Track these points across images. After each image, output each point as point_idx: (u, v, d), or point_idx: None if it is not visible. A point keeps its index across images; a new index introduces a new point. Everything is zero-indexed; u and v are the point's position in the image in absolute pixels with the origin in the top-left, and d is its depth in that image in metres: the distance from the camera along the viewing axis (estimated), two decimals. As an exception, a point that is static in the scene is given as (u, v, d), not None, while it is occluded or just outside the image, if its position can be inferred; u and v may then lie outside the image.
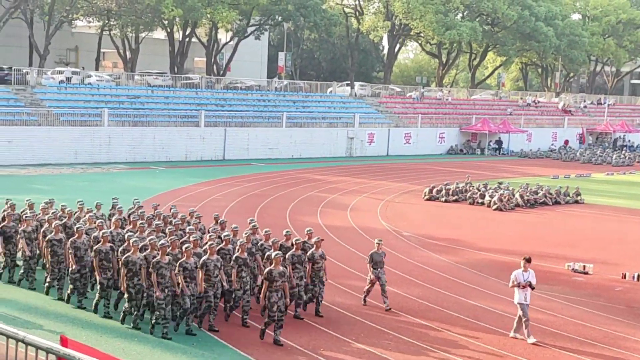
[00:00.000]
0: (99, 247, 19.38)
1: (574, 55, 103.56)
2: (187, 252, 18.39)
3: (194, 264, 18.39)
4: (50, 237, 20.67)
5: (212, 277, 18.54)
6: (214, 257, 18.70)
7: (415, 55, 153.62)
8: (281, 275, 17.81)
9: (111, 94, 63.10)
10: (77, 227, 20.65)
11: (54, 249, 20.53)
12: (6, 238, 22.17)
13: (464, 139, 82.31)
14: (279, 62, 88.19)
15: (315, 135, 68.73)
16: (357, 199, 43.72)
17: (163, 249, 18.14)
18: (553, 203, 45.19)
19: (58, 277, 20.75)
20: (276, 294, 17.68)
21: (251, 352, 17.43)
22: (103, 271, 19.28)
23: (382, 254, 21.25)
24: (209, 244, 19.04)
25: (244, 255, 19.37)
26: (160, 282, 17.83)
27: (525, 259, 19.88)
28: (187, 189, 44.17)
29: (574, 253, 30.64)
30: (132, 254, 18.40)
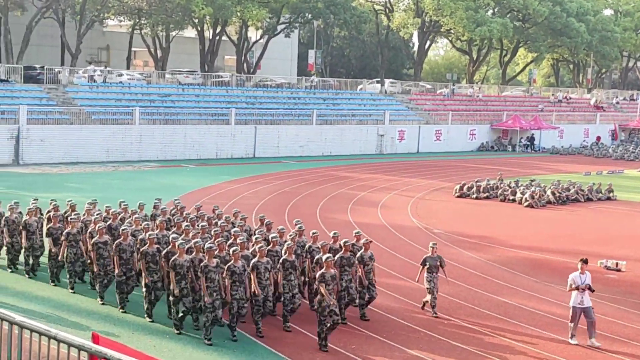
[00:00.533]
0: (146, 250, 19.04)
1: (606, 51, 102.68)
2: (235, 255, 17.95)
3: (242, 267, 17.97)
4: (95, 239, 20.38)
5: (263, 280, 18.25)
6: (264, 260, 18.39)
7: (445, 52, 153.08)
8: (333, 278, 17.55)
9: (142, 93, 63.45)
10: (123, 229, 20.18)
11: (99, 252, 20.23)
12: (54, 240, 21.93)
13: (495, 135, 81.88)
14: (309, 60, 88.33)
15: (345, 133, 68.69)
16: (387, 197, 43.64)
17: (210, 252, 17.74)
18: (585, 200, 44.84)
19: (104, 280, 20.47)
20: (328, 297, 17.32)
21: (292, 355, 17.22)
22: (149, 274, 18.95)
23: (436, 258, 20.34)
24: (258, 247, 18.67)
25: (291, 257, 18.96)
26: (209, 285, 17.47)
27: (582, 261, 19.35)
28: (217, 186, 44.30)
29: (606, 250, 30.39)
30: (178, 257, 18.15)
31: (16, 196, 35.80)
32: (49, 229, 22.15)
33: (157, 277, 19.01)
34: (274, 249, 19.60)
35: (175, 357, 16.41)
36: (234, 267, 17.82)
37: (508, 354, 17.82)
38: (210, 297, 17.45)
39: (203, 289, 17.55)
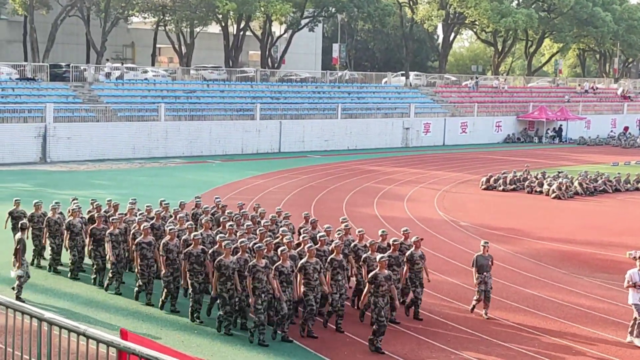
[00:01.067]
0: (190, 250, 18.61)
1: (632, 40, 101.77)
2: (284, 255, 17.54)
3: (290, 267, 17.55)
4: (139, 240, 19.96)
5: (312, 281, 17.63)
6: (312, 260, 17.75)
7: (470, 43, 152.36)
8: (387, 279, 16.87)
9: (167, 89, 63.69)
10: (170, 229, 19.71)
11: (143, 252, 19.79)
12: (96, 241, 21.51)
13: (521, 127, 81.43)
14: (333, 54, 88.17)
15: (370, 126, 68.60)
16: (413, 190, 43.55)
17: (260, 252, 17.34)
18: (613, 191, 44.53)
19: (147, 281, 20.00)
20: (382, 299, 16.79)
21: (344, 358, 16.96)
22: (194, 275, 18.51)
23: (488, 258, 19.60)
24: (307, 247, 18.14)
25: (339, 257, 18.36)
26: (257, 286, 17.03)
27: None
28: (243, 182, 44.40)
29: (635, 241, 30.15)
30: (224, 258, 17.72)
31: (44, 194, 36.14)
32: (92, 229, 21.61)
33: (201, 278, 18.60)
34: (322, 248, 19.02)
35: (203, 352, 16.46)
36: (282, 268, 17.46)
37: (568, 354, 17.66)
38: (259, 299, 17.05)
39: (249, 290, 17.16)
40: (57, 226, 22.74)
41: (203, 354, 16.19)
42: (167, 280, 19.29)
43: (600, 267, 25.90)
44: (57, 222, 22.81)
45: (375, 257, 17.99)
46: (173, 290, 19.45)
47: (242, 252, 18.03)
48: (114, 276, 21.01)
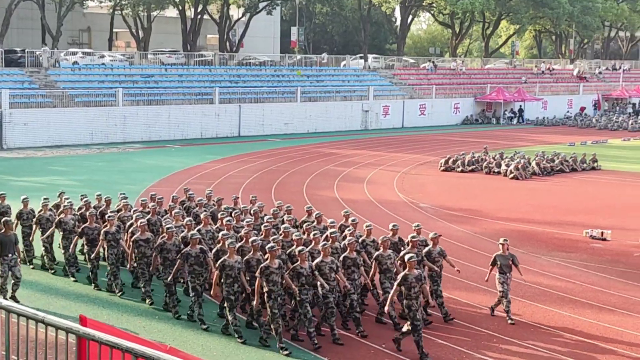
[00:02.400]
0: (188, 251, 17.49)
1: (587, 22, 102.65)
2: (302, 255, 16.41)
3: (309, 268, 16.43)
4: (136, 237, 18.97)
5: (330, 281, 16.63)
6: (328, 259, 16.73)
7: (428, 26, 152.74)
8: (418, 279, 15.74)
9: (125, 74, 63.15)
10: (168, 228, 18.56)
11: (141, 250, 18.85)
12: (90, 241, 20.35)
13: (479, 108, 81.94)
14: (292, 37, 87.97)
15: (330, 109, 68.61)
16: (373, 172, 43.69)
17: (273, 253, 16.09)
18: (570, 170, 45.04)
19: (148, 280, 19.14)
20: (416, 301, 15.67)
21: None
22: (196, 277, 17.39)
23: (508, 257, 18.28)
24: (321, 245, 16.96)
25: (353, 254, 17.39)
26: (272, 289, 15.92)
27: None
28: (203, 166, 44.25)
29: (592, 220, 30.56)
30: (228, 257, 16.55)
31: (1, 181, 35.74)
32: (84, 228, 20.38)
33: (203, 279, 17.60)
34: (334, 245, 17.75)
35: (165, 337, 16.44)
36: (301, 269, 16.34)
37: (526, 332, 17.90)
38: (275, 302, 15.96)
39: (256, 294, 16.16)
40: (50, 224, 21.68)
41: (164, 339, 16.17)
42: (170, 283, 18.15)
43: (558, 246, 26.21)
44: (49, 219, 21.76)
45: (389, 255, 17.59)
46: (173, 291, 18.38)
47: (254, 252, 16.92)
48: (114, 276, 19.87)
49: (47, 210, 22.02)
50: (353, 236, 18.07)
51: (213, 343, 16.58)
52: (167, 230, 18.49)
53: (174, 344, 15.92)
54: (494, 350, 16.37)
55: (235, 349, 16.27)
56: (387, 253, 17.64)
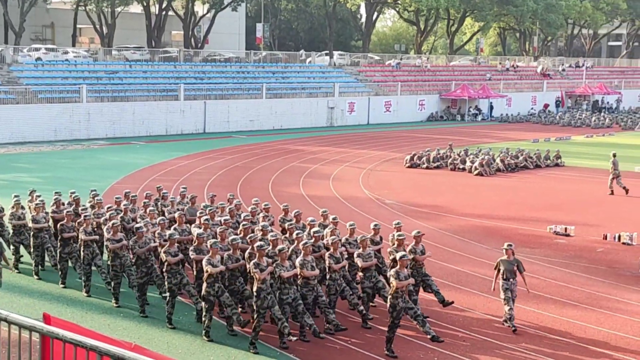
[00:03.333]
0: (167, 250, 17.21)
1: (551, 19, 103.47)
2: (283, 254, 16.20)
3: (290, 267, 16.21)
4: (108, 237, 18.59)
5: (311, 281, 16.59)
6: (309, 258, 16.65)
7: (393, 23, 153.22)
8: (407, 279, 15.84)
9: (89, 70, 62.69)
10: (137, 228, 18.29)
11: (115, 251, 18.52)
12: (63, 239, 19.98)
13: (444, 105, 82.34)
14: (257, 34, 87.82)
15: (295, 106, 68.58)
16: (339, 169, 43.75)
17: (261, 252, 15.92)
18: (534, 167, 45.38)
19: (118, 283, 18.69)
20: (402, 299, 15.73)
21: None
22: (173, 276, 17.11)
23: (513, 263, 17.50)
24: (302, 244, 16.80)
25: (336, 253, 17.28)
26: (262, 288, 15.69)
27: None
28: (168, 163, 44.06)
29: (555, 216, 30.82)
30: (211, 257, 16.32)
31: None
32: (62, 225, 20.00)
33: (180, 278, 17.21)
34: (316, 244, 17.74)
35: (130, 335, 16.36)
36: (283, 267, 16.13)
37: (489, 329, 17.99)
38: (265, 301, 15.70)
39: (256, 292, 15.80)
40: (22, 222, 21.33)
41: (130, 337, 16.08)
42: (142, 282, 17.94)
43: (522, 242, 26.40)
44: (21, 217, 21.44)
45: (370, 254, 17.45)
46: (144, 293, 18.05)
47: (234, 251, 16.88)
48: (87, 277, 19.46)
49: (19, 209, 21.60)
50: (334, 234, 18.08)
51: (179, 341, 16.54)
52: (137, 231, 18.23)
53: (139, 342, 15.84)
54: (457, 347, 16.45)
55: (201, 346, 16.23)
56: (367, 252, 17.50)
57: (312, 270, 16.57)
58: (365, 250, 17.58)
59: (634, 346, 16.65)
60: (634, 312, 19.09)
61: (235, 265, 16.86)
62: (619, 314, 18.75)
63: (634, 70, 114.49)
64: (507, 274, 17.34)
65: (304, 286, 16.54)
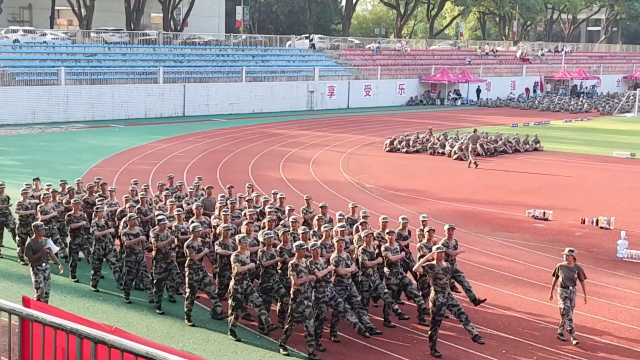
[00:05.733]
0: (190, 244, 16.27)
1: (530, 4, 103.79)
2: (315, 251, 15.08)
3: (324, 264, 15.19)
4: (126, 231, 17.54)
5: (344, 279, 15.58)
6: (344, 255, 15.67)
7: (373, 6, 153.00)
8: (445, 271, 14.97)
9: (67, 52, 62.26)
10: (160, 220, 17.13)
11: (130, 247, 17.52)
12: (73, 230, 19.23)
13: (424, 89, 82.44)
14: (237, 16, 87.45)
15: (275, 90, 68.45)
16: (319, 153, 43.74)
17: (300, 252, 14.81)
18: (513, 151, 45.55)
19: (133, 279, 17.81)
20: (442, 294, 14.94)
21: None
22: (195, 272, 16.21)
23: (574, 269, 15.97)
24: (336, 240, 15.83)
25: (370, 248, 16.42)
26: (299, 290, 14.69)
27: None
28: (147, 146, 43.89)
29: (534, 200, 30.95)
30: (240, 253, 15.43)
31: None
32: (69, 216, 19.17)
33: (202, 275, 16.29)
34: (327, 242, 16.82)
35: (109, 319, 16.31)
36: (317, 264, 15.08)
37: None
38: (299, 306, 14.70)
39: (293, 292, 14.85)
40: (29, 212, 20.28)
41: (109, 320, 16.04)
42: (161, 277, 16.99)
43: (501, 226, 26.52)
44: (29, 207, 20.40)
45: (396, 248, 16.77)
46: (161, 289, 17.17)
47: (269, 247, 15.78)
48: (95, 271, 18.64)
49: (27, 199, 20.63)
50: (366, 229, 17.24)
51: (158, 324, 16.52)
52: (159, 223, 17.06)
53: (118, 325, 15.81)
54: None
55: (181, 329, 16.22)
56: (394, 247, 16.75)
57: (347, 267, 15.64)
58: (392, 244, 16.80)
59: (611, 329, 16.79)
60: (611, 295, 19.22)
61: (271, 262, 15.78)
62: (597, 298, 18.87)
63: (613, 56, 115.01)
64: (567, 282, 15.89)
65: (336, 285, 15.58)
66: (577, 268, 16.01)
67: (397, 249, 16.83)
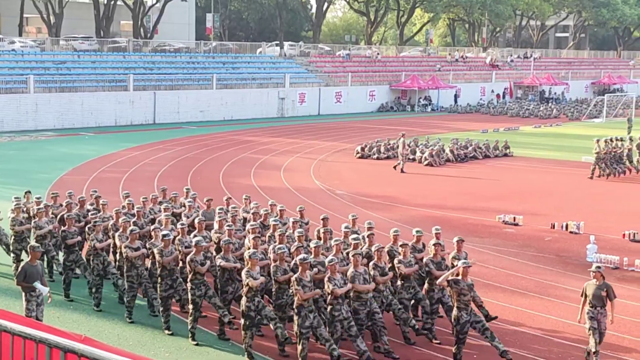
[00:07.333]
0: (193, 258, 15.84)
1: (499, 10, 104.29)
2: (332, 266, 14.65)
3: (341, 280, 14.71)
4: (126, 244, 17.14)
5: (363, 295, 14.99)
6: (361, 270, 15.09)
7: (343, 13, 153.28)
8: (470, 288, 14.61)
9: (36, 60, 61.85)
10: (164, 235, 16.61)
11: (132, 261, 17.08)
12: (68, 247, 18.65)
13: (394, 96, 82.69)
14: (207, 24, 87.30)
15: (246, 97, 68.38)
16: (290, 159, 43.74)
17: (304, 265, 14.51)
18: (483, 157, 45.78)
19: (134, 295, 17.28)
20: (465, 311, 14.57)
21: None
22: (197, 287, 15.80)
23: (602, 287, 14.90)
24: (352, 254, 15.37)
25: (381, 263, 16.02)
26: (303, 304, 14.34)
27: None
28: (117, 154, 43.70)
29: (504, 205, 31.12)
30: (250, 269, 14.89)
31: None
32: (64, 232, 18.66)
33: (204, 290, 15.88)
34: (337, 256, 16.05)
35: (80, 328, 16.21)
36: (334, 281, 14.63)
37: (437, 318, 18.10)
38: (305, 320, 14.32)
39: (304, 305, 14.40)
40: (24, 228, 19.83)
41: (80, 330, 15.95)
42: (167, 295, 16.43)
43: (472, 231, 26.64)
44: (23, 222, 19.86)
45: (410, 261, 16.30)
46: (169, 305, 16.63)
47: (282, 261, 15.33)
48: (97, 288, 18.08)
49: (20, 213, 20.06)
50: (371, 241, 16.97)
51: (129, 332, 16.45)
52: (163, 238, 16.53)
53: (89, 334, 15.72)
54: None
55: (152, 338, 16.16)
56: (408, 260, 16.33)
57: (365, 284, 15.01)
58: (406, 257, 16.36)
59: (581, 333, 16.89)
60: (580, 299, 19.31)
61: (285, 277, 15.17)
62: (567, 302, 19.02)
63: (581, 61, 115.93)
64: (594, 301, 14.87)
65: (355, 300, 15.00)
66: (606, 285, 14.93)
67: (411, 261, 16.36)
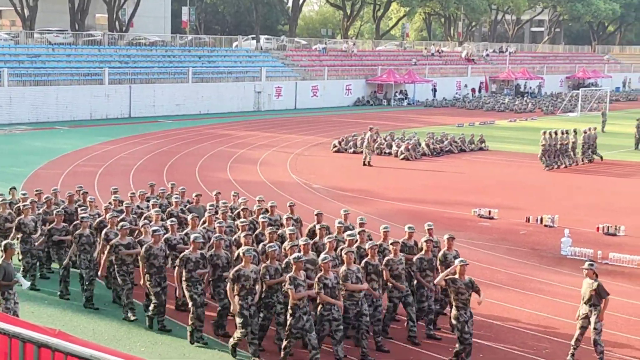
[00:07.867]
0: (188, 255, 15.54)
1: (475, 4, 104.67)
2: (326, 264, 14.25)
3: (334, 279, 14.31)
4: (116, 241, 16.68)
5: (355, 293, 14.71)
6: (353, 268, 14.78)
7: (320, 7, 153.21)
8: (468, 286, 14.34)
9: (10, 54, 61.35)
10: (155, 231, 16.27)
11: (122, 258, 16.69)
12: (57, 244, 18.40)
13: (370, 90, 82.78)
14: (183, 17, 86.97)
15: (222, 91, 68.21)
16: (266, 153, 43.72)
17: (299, 265, 14.23)
18: (458, 151, 45.94)
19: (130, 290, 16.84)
20: (464, 310, 14.34)
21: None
22: (193, 285, 15.53)
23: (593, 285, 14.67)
24: (345, 251, 15.05)
25: (374, 260, 15.55)
26: (299, 305, 14.04)
27: None
28: (93, 148, 43.49)
29: (479, 199, 31.27)
30: (243, 267, 14.54)
31: None
32: (51, 229, 18.39)
33: (200, 289, 15.61)
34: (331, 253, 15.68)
35: (55, 323, 16.14)
36: (326, 280, 14.20)
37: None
38: (299, 321, 14.02)
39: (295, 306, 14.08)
40: (8, 224, 19.30)
41: (55, 324, 15.88)
42: (156, 292, 16.06)
43: (447, 225, 26.72)
44: (8, 219, 19.43)
45: (401, 260, 15.88)
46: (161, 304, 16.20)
47: (272, 260, 14.97)
48: (89, 287, 17.65)
49: (6, 210, 19.67)
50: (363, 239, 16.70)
51: (104, 327, 16.40)
52: (154, 234, 16.16)
53: (64, 329, 15.64)
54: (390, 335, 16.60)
55: (127, 332, 16.12)
56: (399, 258, 15.89)
57: (358, 283, 14.74)
58: (397, 256, 15.92)
59: (556, 325, 17.04)
60: (555, 292, 19.52)
61: (279, 281, 14.89)
62: (541, 295, 19.16)
63: (556, 56, 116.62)
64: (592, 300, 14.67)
65: (347, 298, 14.70)
66: (597, 284, 14.59)
67: (401, 260, 15.93)
